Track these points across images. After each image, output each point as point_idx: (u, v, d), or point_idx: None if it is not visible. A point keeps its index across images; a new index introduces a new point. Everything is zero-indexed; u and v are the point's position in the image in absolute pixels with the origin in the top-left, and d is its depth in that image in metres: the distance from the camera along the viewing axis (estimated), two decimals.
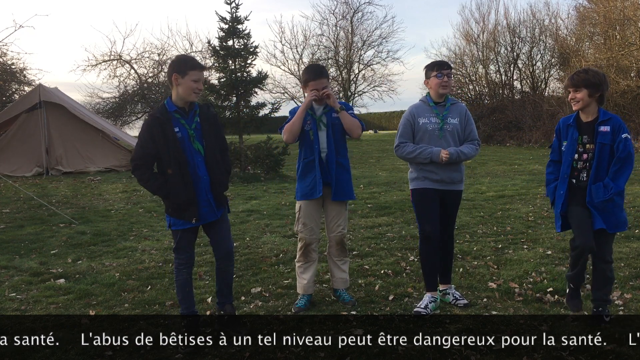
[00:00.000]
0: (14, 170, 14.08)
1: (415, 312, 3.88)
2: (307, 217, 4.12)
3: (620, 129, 3.47)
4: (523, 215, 7.34)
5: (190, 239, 3.58)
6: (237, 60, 12.71)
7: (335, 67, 33.50)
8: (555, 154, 3.73)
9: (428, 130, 3.94)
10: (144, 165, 3.45)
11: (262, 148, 12.66)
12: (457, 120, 3.98)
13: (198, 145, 3.48)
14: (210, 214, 3.53)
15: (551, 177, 3.73)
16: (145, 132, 3.44)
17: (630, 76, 18.70)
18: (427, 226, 3.98)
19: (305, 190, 4.06)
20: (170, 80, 3.45)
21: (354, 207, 8.41)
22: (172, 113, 3.44)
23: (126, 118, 27.88)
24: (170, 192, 3.42)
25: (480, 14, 27.82)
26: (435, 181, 3.94)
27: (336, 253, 4.21)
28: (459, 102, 4.12)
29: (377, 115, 50.04)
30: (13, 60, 22.11)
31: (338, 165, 4.08)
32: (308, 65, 4.27)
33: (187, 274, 3.61)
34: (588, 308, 3.80)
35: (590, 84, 3.48)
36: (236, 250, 5.96)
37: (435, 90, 3.96)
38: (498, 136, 22.91)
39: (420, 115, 3.97)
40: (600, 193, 3.47)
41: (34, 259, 5.81)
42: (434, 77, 3.94)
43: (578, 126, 3.59)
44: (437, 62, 4.04)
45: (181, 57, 3.67)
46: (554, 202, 3.69)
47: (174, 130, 3.40)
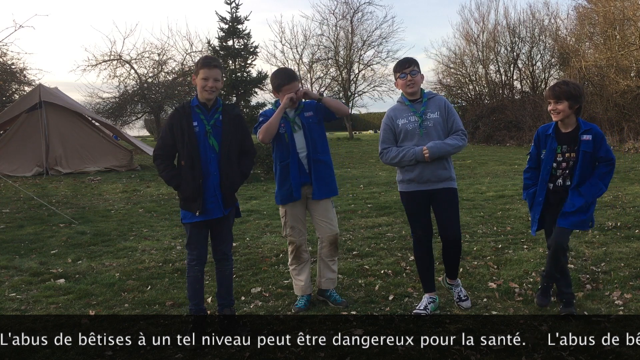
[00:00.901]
0: (14, 170, 14.09)
1: (415, 314, 3.87)
2: (294, 220, 4.13)
3: (602, 138, 3.67)
4: (523, 215, 7.34)
5: (200, 234, 3.62)
6: (237, 60, 12.72)
7: (335, 67, 33.54)
8: (532, 162, 3.89)
9: (409, 130, 3.85)
10: (163, 156, 3.61)
11: (262, 148, 12.64)
12: (438, 114, 3.86)
13: (213, 141, 3.55)
14: (216, 210, 3.58)
15: (529, 182, 3.92)
16: (166, 124, 3.64)
17: (630, 76, 18.68)
18: (419, 230, 3.97)
19: (284, 194, 4.09)
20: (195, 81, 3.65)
21: (353, 207, 8.41)
22: (194, 108, 3.58)
23: (126, 118, 27.85)
24: (181, 184, 3.54)
25: (480, 14, 27.89)
26: (421, 183, 3.85)
27: (328, 253, 4.20)
28: (437, 94, 4.02)
29: (377, 115, 50.05)
30: (13, 60, 22.11)
31: (319, 163, 4.07)
32: (277, 70, 4.23)
33: (199, 271, 3.65)
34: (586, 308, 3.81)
35: (571, 95, 3.61)
36: (236, 250, 5.96)
37: (404, 90, 3.90)
38: (498, 136, 22.91)
39: (399, 116, 3.90)
40: (594, 190, 3.63)
41: (34, 259, 5.81)
42: (399, 79, 3.88)
43: (557, 136, 3.73)
44: (399, 62, 3.93)
45: (200, 57, 3.78)
46: (531, 206, 3.88)
47: (192, 124, 3.53)
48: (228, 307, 3.73)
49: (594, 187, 3.63)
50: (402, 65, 3.89)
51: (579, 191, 3.63)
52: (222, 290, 3.76)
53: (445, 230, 3.93)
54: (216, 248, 3.73)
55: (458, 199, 4.00)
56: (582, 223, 3.68)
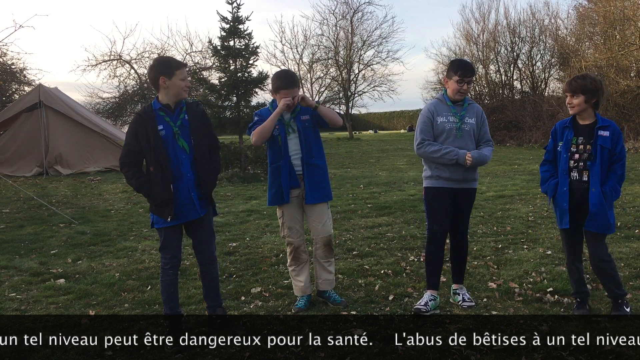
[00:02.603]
0: (14, 170, 14.10)
1: (415, 310, 3.89)
2: (291, 220, 4.12)
3: (620, 136, 3.62)
4: (523, 215, 7.34)
5: (175, 237, 3.55)
6: (238, 61, 12.71)
7: (335, 67, 33.55)
8: (549, 155, 3.83)
9: (446, 129, 3.92)
10: (130, 163, 3.48)
11: (262, 148, 12.64)
12: (474, 120, 3.99)
13: (183, 142, 3.47)
14: (191, 212, 3.51)
15: (547, 174, 3.82)
16: (130, 130, 3.51)
17: (630, 76, 18.69)
18: (436, 225, 4.00)
19: (273, 196, 4.09)
20: (157, 84, 3.45)
21: (353, 207, 8.41)
22: (157, 111, 3.46)
23: (126, 118, 27.85)
24: (151, 190, 3.44)
25: (480, 14, 27.89)
26: (449, 180, 3.93)
27: (322, 254, 4.19)
28: (474, 102, 4.12)
29: (377, 115, 50.09)
30: (13, 60, 22.15)
31: (313, 167, 4.06)
32: (280, 71, 4.19)
33: (173, 274, 3.59)
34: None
35: (588, 90, 3.59)
36: (236, 250, 5.97)
37: (453, 93, 3.96)
38: (498, 136, 22.90)
39: (439, 113, 3.95)
40: (614, 195, 3.60)
41: (34, 259, 5.81)
42: (454, 82, 3.91)
43: (574, 128, 3.71)
44: (463, 66, 3.95)
45: (163, 59, 3.66)
46: (554, 197, 3.75)
47: (157, 129, 3.42)
48: (220, 307, 3.72)
49: (614, 192, 3.59)
50: (466, 71, 3.92)
51: (604, 193, 3.56)
52: (211, 292, 3.72)
53: (458, 228, 4.08)
54: (198, 250, 3.66)
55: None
56: (609, 226, 3.61)
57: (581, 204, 3.61)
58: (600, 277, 3.74)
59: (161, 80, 3.43)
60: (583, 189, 3.61)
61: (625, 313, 3.65)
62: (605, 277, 3.70)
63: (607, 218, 3.57)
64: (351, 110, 35.22)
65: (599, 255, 3.65)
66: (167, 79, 3.42)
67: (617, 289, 3.70)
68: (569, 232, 3.72)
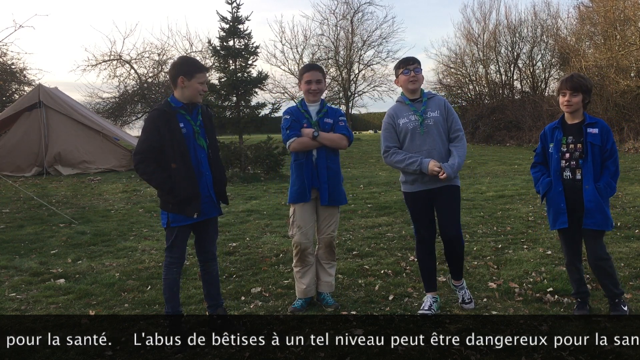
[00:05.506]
0: (14, 170, 14.09)
1: (420, 315, 3.84)
2: (302, 220, 4.11)
3: (609, 133, 3.66)
4: (523, 215, 7.34)
5: (185, 237, 3.57)
6: (237, 61, 12.71)
7: (335, 67, 33.48)
8: (539, 157, 3.87)
9: (409, 129, 3.87)
10: (149, 159, 3.41)
11: (262, 148, 12.66)
12: (438, 113, 3.89)
13: (202, 141, 3.53)
14: (212, 209, 3.58)
15: (538, 174, 3.85)
16: (150, 124, 3.44)
17: (630, 76, 18.68)
18: (422, 230, 3.99)
19: (295, 194, 4.10)
20: (175, 82, 3.46)
21: (353, 207, 8.41)
22: (178, 109, 3.48)
23: (126, 118, 27.90)
24: (174, 187, 3.41)
25: (481, 13, 27.83)
26: (426, 182, 3.86)
27: (324, 256, 4.19)
28: (436, 94, 4.06)
29: (377, 115, 50.01)
30: (13, 60, 22.17)
31: (330, 170, 4.09)
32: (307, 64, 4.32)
33: (177, 273, 3.60)
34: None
35: (587, 89, 3.66)
36: (236, 250, 5.97)
37: (405, 86, 3.92)
38: (498, 136, 22.91)
39: (399, 115, 3.93)
40: (609, 191, 3.61)
41: (34, 259, 5.81)
42: (402, 75, 3.91)
43: (563, 128, 3.74)
44: (403, 59, 3.98)
45: (187, 60, 3.71)
46: (548, 198, 3.75)
47: (179, 126, 3.43)
48: (220, 307, 3.72)
49: (609, 188, 3.61)
50: (406, 61, 3.93)
51: (598, 189, 3.58)
52: (212, 290, 3.73)
53: (445, 228, 3.92)
54: (204, 249, 3.68)
55: (460, 197, 4.00)
56: (607, 222, 3.61)
57: (577, 203, 3.63)
58: (599, 275, 3.74)
59: (180, 79, 3.43)
60: (577, 188, 3.63)
61: (623, 312, 3.65)
62: (604, 275, 3.70)
63: (604, 214, 3.58)
64: (351, 110, 35.19)
65: (598, 254, 3.65)
66: (186, 79, 3.43)
67: (615, 288, 3.71)
68: (567, 232, 3.73)
